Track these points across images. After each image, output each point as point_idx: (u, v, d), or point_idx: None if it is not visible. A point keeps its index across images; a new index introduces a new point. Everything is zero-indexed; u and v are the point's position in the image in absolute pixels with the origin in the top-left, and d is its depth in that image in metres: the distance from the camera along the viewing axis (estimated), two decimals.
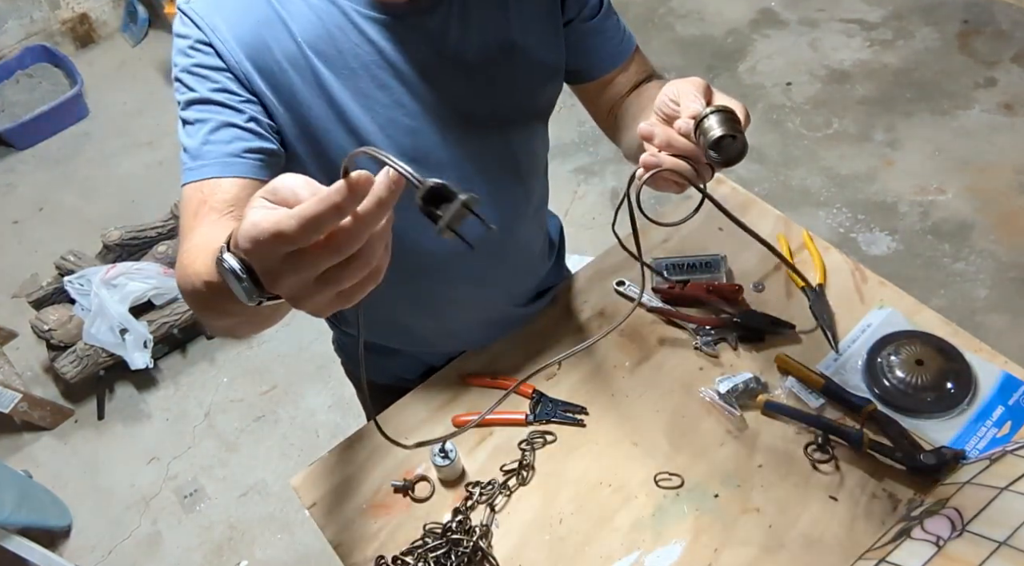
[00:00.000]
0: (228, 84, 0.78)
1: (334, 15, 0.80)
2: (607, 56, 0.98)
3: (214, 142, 0.77)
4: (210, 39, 0.77)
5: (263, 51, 0.78)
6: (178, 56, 0.79)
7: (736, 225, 0.77)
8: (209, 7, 0.78)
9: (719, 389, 1.03)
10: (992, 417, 0.99)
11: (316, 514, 1.01)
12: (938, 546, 0.77)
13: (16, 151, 3.02)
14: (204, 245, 0.65)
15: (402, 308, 1.07)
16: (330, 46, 0.80)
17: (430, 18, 0.83)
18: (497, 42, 0.87)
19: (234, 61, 0.78)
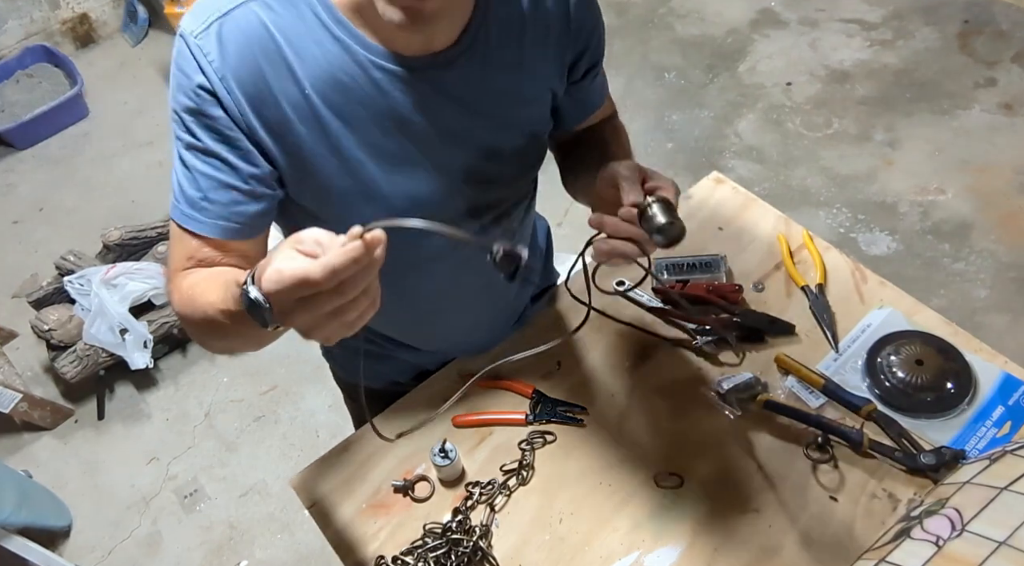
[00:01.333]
0: (230, 136, 0.76)
1: (346, 63, 0.76)
2: (585, 108, 1.00)
3: (212, 201, 0.78)
4: (214, 86, 0.73)
5: (267, 100, 0.75)
6: (179, 93, 0.76)
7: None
8: (214, 45, 0.73)
9: (719, 389, 1.03)
10: (992, 417, 0.99)
11: (316, 514, 1.01)
12: (938, 546, 0.77)
13: (16, 151, 3.02)
14: (211, 280, 0.75)
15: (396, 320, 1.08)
16: (339, 93, 0.77)
17: (447, 73, 0.80)
18: (508, 99, 0.87)
19: (237, 112, 0.75)
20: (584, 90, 0.97)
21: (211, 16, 0.73)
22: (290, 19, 0.74)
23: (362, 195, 0.84)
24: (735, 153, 2.66)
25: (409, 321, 1.07)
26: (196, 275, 0.80)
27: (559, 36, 0.87)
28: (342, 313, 0.56)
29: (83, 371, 2.17)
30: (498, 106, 0.86)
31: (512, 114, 0.88)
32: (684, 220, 0.78)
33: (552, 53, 0.88)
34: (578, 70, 0.93)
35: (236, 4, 0.73)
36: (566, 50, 0.89)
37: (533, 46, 0.86)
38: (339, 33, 0.75)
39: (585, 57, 0.93)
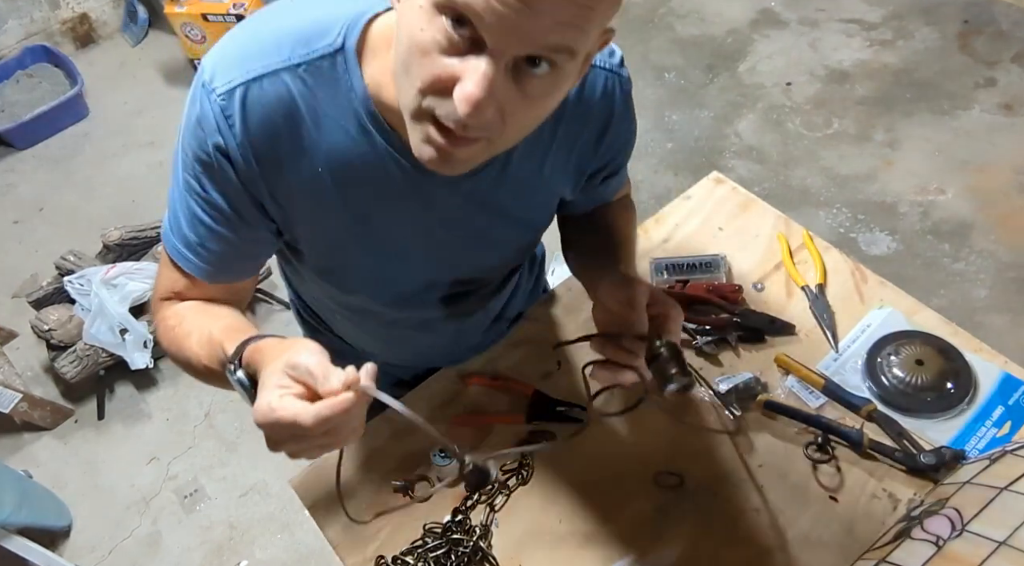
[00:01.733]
0: (236, 197, 0.74)
1: (367, 152, 0.73)
2: (596, 201, 0.98)
3: (208, 249, 0.77)
4: (229, 151, 0.70)
5: (279, 171, 0.73)
6: (193, 141, 0.72)
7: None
8: (237, 111, 0.68)
9: (719, 389, 1.03)
10: (992, 417, 0.99)
11: (316, 514, 1.01)
12: (938, 546, 0.77)
13: (16, 151, 3.02)
14: (196, 327, 0.77)
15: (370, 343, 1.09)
16: (351, 178, 0.75)
17: (466, 179, 0.77)
18: (518, 206, 0.86)
19: (248, 178, 0.72)
20: (598, 188, 0.95)
21: (237, 78, 0.68)
22: (322, 96, 0.70)
23: (348, 272, 0.85)
24: (735, 153, 2.66)
25: (382, 345, 1.08)
26: (180, 312, 0.81)
27: (583, 153, 0.85)
28: (330, 446, 0.61)
29: (83, 371, 2.17)
30: (507, 212, 0.85)
31: (519, 215, 0.88)
32: (684, 220, 0.78)
33: (572, 167, 0.86)
34: (595, 178, 0.92)
35: (267, 70, 0.68)
36: (586, 166, 0.88)
37: (555, 161, 0.84)
38: (368, 124, 0.72)
39: (606, 169, 0.91)
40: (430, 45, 0.56)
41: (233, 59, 0.69)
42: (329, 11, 0.71)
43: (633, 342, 0.77)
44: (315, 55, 0.69)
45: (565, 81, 0.61)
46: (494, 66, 0.55)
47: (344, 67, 0.70)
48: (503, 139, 0.64)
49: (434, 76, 0.57)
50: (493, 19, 0.52)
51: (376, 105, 0.71)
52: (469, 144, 0.62)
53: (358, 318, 1.02)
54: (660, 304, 0.79)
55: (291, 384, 0.58)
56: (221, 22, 2.84)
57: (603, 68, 0.80)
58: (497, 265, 0.97)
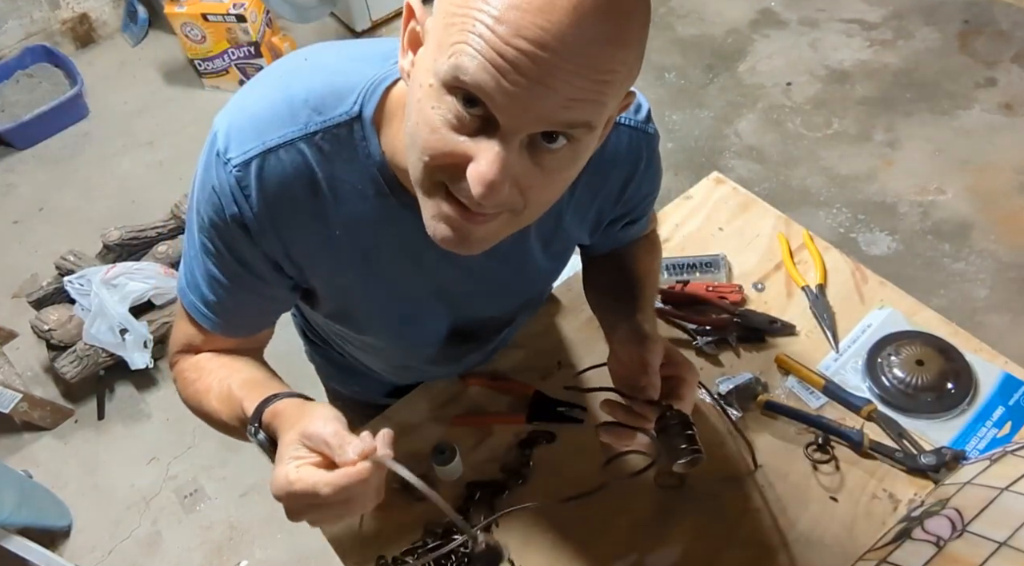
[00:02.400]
0: (252, 260, 0.73)
1: (384, 215, 0.72)
2: (616, 243, 0.97)
3: (226, 307, 0.77)
4: (246, 222, 0.69)
5: (295, 237, 0.72)
6: (209, 208, 0.70)
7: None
8: (253, 184, 0.67)
9: (719, 389, 1.03)
10: (992, 417, 0.99)
11: None
12: (938, 546, 0.77)
13: (16, 151, 3.02)
14: (215, 382, 0.78)
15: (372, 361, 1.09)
16: (369, 239, 0.74)
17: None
18: (535, 257, 0.85)
19: (264, 246, 0.71)
20: (618, 235, 0.94)
21: (253, 150, 0.66)
22: (340, 163, 0.69)
23: (361, 319, 0.85)
24: (735, 153, 2.66)
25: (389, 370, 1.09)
26: (199, 364, 0.82)
27: (604, 203, 0.84)
28: (349, 513, 0.60)
29: (83, 371, 2.17)
30: (525, 263, 0.85)
31: (533, 269, 0.87)
32: (684, 220, 0.78)
33: (591, 216, 0.85)
34: (615, 225, 0.91)
35: (283, 140, 0.66)
36: (605, 215, 0.87)
37: (576, 211, 0.82)
38: (386, 189, 0.71)
39: (627, 217, 0.90)
40: (440, 123, 0.54)
41: (248, 128, 0.67)
42: (345, 75, 0.69)
43: (643, 407, 0.77)
44: (332, 123, 0.67)
45: (585, 152, 0.59)
46: (508, 146, 0.53)
47: (362, 134, 0.68)
48: (526, 213, 0.61)
49: (445, 153, 0.55)
50: (505, 99, 0.51)
51: (393, 169, 0.70)
52: (488, 220, 0.59)
53: (366, 350, 1.03)
54: (675, 366, 0.78)
55: (308, 454, 0.59)
56: (221, 22, 2.84)
57: (628, 126, 0.78)
58: (514, 309, 0.97)
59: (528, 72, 0.49)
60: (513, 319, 1.04)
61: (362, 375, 1.13)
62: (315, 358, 1.22)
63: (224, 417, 0.75)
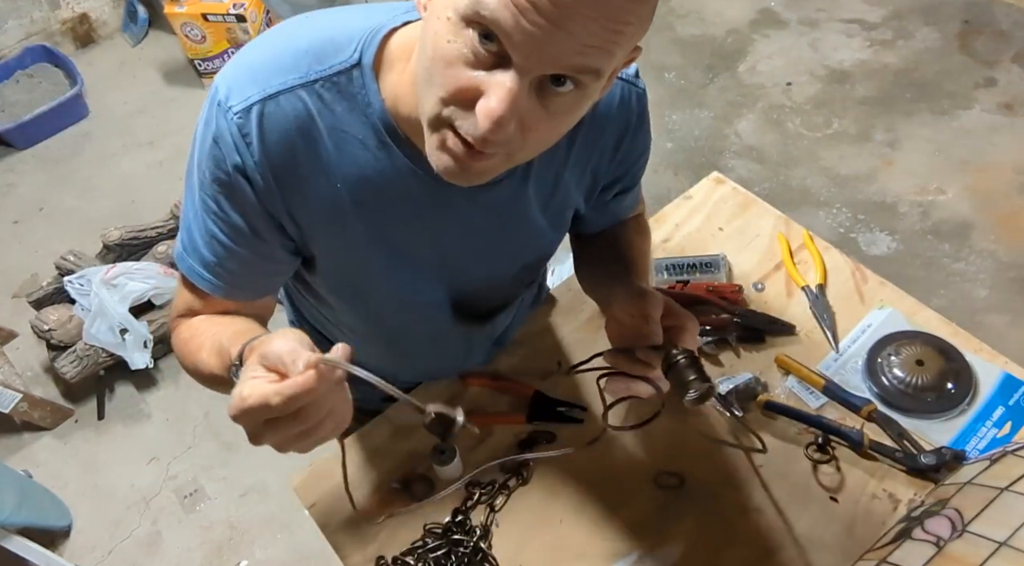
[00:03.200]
0: (255, 216, 0.73)
1: (386, 167, 0.73)
2: (610, 218, 0.98)
3: (226, 268, 0.76)
4: (248, 171, 0.69)
5: (296, 188, 0.72)
6: (209, 161, 0.70)
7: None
8: (254, 129, 0.68)
9: (719, 390, 1.03)
10: (992, 417, 0.99)
11: (316, 514, 1.01)
12: (938, 546, 0.77)
13: (16, 151, 3.02)
14: (207, 337, 0.76)
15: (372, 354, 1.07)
16: (370, 193, 0.74)
17: (484, 192, 0.77)
18: (535, 216, 0.86)
19: (266, 197, 0.72)
20: (610, 205, 0.95)
21: (254, 96, 0.67)
22: (340, 112, 0.70)
23: (363, 284, 0.85)
24: (735, 153, 2.66)
25: (389, 363, 1.07)
26: (193, 324, 0.80)
27: (600, 161, 0.85)
28: (309, 434, 0.58)
29: (83, 371, 2.17)
30: (523, 221, 0.85)
31: (532, 230, 0.87)
32: (684, 220, 0.78)
33: (588, 177, 0.87)
34: (608, 192, 0.92)
35: (283, 87, 0.68)
36: (601, 176, 0.88)
37: (572, 169, 0.84)
38: (387, 138, 0.71)
39: (620, 182, 0.91)
40: (456, 57, 0.56)
41: (248, 77, 0.68)
42: (343, 28, 0.70)
43: (647, 353, 0.76)
44: (331, 71, 0.68)
45: (588, 99, 0.60)
46: (519, 83, 0.54)
47: (361, 82, 0.69)
48: (522, 153, 0.63)
49: (458, 88, 0.56)
50: (522, 38, 0.52)
51: (394, 118, 0.70)
52: (487, 157, 0.61)
53: (366, 338, 1.01)
54: (675, 316, 0.78)
55: (264, 373, 0.57)
56: (221, 22, 2.84)
57: (620, 78, 0.80)
58: (511, 277, 0.96)
59: (548, 14, 0.51)
60: (513, 297, 1.03)
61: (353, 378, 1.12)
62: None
63: (216, 370, 0.72)
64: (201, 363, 0.75)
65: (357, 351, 1.09)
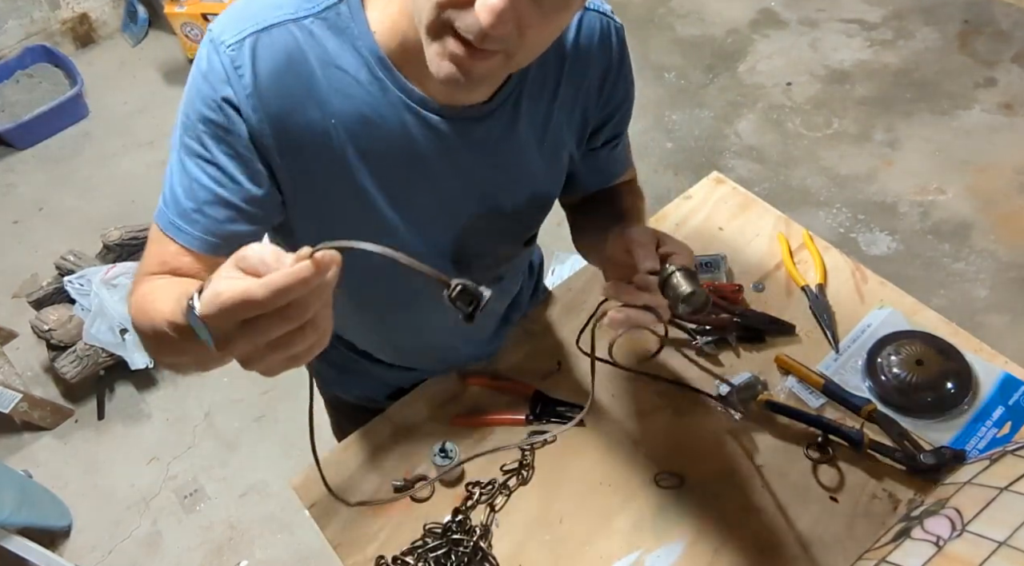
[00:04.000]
0: (243, 153, 0.72)
1: (379, 101, 0.74)
2: (602, 177, 0.99)
3: (205, 215, 0.74)
4: (239, 102, 0.70)
5: (289, 125, 0.72)
6: (198, 100, 0.71)
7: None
8: (247, 61, 0.69)
9: (719, 390, 1.03)
10: (992, 417, 0.99)
11: (316, 514, 1.01)
12: (938, 546, 0.77)
13: (16, 151, 3.02)
14: (167, 289, 0.69)
15: (371, 341, 1.08)
16: (364, 128, 0.75)
17: (478, 125, 0.79)
18: (528, 156, 0.86)
19: (257, 132, 0.72)
20: (602, 159, 0.96)
21: (247, 29, 0.69)
22: (331, 47, 0.71)
23: (363, 226, 0.83)
24: (735, 153, 2.66)
25: (389, 346, 1.07)
26: (157, 282, 0.74)
27: (587, 101, 0.87)
28: (286, 343, 0.50)
29: (83, 371, 2.17)
30: (518, 161, 0.85)
31: (528, 171, 0.88)
32: (684, 220, 0.78)
33: (577, 117, 0.87)
34: (597, 138, 0.93)
35: (276, 21, 0.70)
36: (590, 117, 0.89)
37: (561, 107, 0.85)
38: (379, 72, 0.73)
39: (608, 127, 0.92)
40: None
41: (241, 14, 0.70)
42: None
43: (644, 278, 0.77)
44: (320, 7, 0.71)
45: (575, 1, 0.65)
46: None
47: (349, 15, 0.71)
48: (520, 55, 0.66)
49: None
50: None
51: (385, 51, 0.72)
52: (487, 57, 0.63)
53: (364, 312, 1.00)
54: (669, 245, 0.79)
55: (242, 275, 0.50)
56: None
57: (597, 11, 0.83)
58: (509, 222, 0.93)
59: None
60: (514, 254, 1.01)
61: (362, 374, 1.13)
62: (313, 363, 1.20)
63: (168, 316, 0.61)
64: (156, 315, 0.64)
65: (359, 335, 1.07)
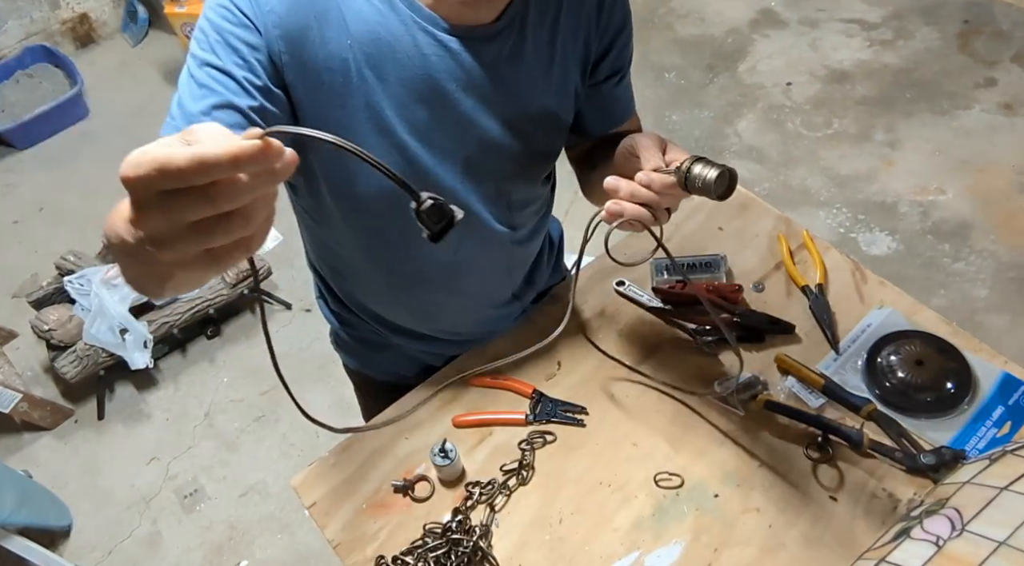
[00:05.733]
0: (255, 65, 0.74)
1: (391, 22, 0.78)
2: (608, 117, 1.00)
3: (215, 119, 0.72)
4: (255, 15, 0.73)
5: (307, 45, 0.75)
6: (218, 7, 0.73)
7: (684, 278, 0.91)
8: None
9: (719, 389, 1.03)
10: (992, 417, 0.99)
11: (316, 514, 1.01)
12: (938, 546, 0.77)
13: (16, 151, 3.02)
14: None
15: (399, 311, 1.08)
16: (379, 49, 0.78)
17: (487, 45, 0.82)
18: (537, 79, 0.88)
19: (274, 47, 0.74)
20: (605, 96, 0.98)
21: None
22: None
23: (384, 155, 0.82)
24: (735, 153, 2.66)
25: (407, 298, 1.07)
26: None
27: (588, 29, 0.89)
28: (206, 231, 0.43)
29: (83, 371, 2.17)
30: (528, 83, 0.87)
31: (538, 95, 0.89)
32: (684, 220, 0.78)
33: (580, 46, 0.90)
34: (600, 72, 0.94)
35: None
36: (592, 45, 0.91)
37: (564, 32, 0.87)
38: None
39: (609, 58, 0.94)
40: None
41: None
42: None
43: (648, 175, 0.77)
44: None
45: None
46: None
47: None
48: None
49: None
50: None
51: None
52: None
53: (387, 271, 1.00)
54: (675, 151, 0.80)
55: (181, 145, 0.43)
56: None
57: None
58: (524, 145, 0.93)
59: None
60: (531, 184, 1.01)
61: (391, 348, 1.14)
62: (343, 342, 1.21)
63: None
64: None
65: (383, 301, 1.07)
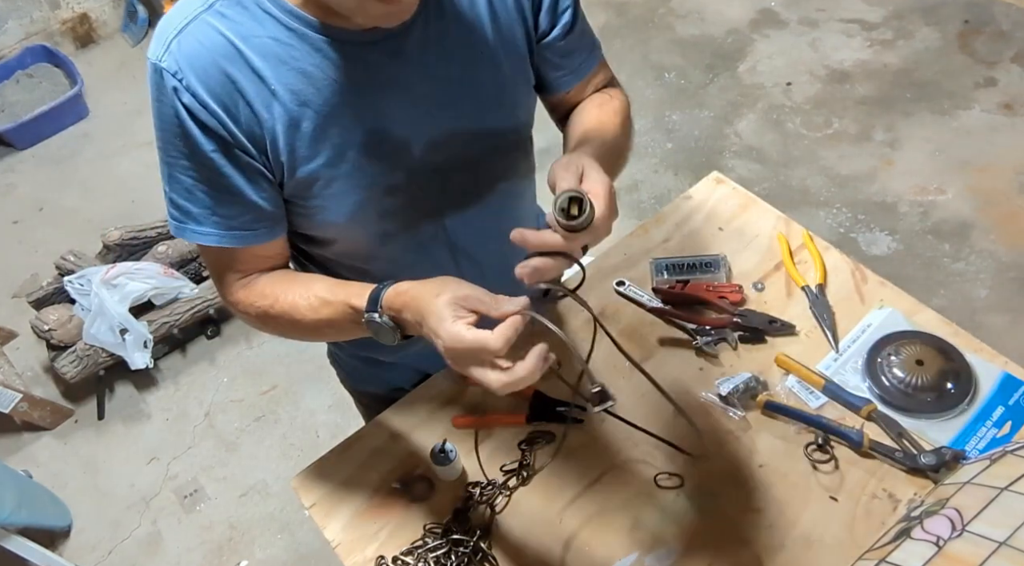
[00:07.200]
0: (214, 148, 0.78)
1: (304, 51, 0.77)
2: (572, 74, 0.97)
3: (220, 215, 0.82)
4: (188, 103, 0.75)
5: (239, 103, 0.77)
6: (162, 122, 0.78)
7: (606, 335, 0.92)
8: (177, 61, 0.75)
9: (719, 390, 1.03)
10: (992, 417, 0.99)
11: (316, 514, 1.01)
12: (938, 546, 0.77)
13: (16, 151, 3.02)
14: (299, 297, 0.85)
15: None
16: (304, 83, 0.78)
17: (405, 41, 0.80)
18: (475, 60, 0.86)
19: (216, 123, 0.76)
20: (558, 50, 0.93)
21: (168, 36, 0.76)
22: (243, 20, 0.76)
23: (343, 174, 0.84)
24: (735, 153, 2.66)
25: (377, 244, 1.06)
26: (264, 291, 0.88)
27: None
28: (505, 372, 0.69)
29: (83, 371, 2.17)
30: (468, 58, 0.85)
31: (484, 67, 0.86)
32: (684, 220, 0.78)
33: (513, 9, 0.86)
34: (540, 21, 0.89)
35: (189, 19, 0.75)
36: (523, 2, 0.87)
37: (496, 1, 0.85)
38: (291, 23, 0.77)
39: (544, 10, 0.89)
40: None
41: (162, 30, 0.77)
42: None
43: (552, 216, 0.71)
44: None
45: None
46: None
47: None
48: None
49: None
50: None
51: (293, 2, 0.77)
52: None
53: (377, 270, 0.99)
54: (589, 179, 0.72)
55: (466, 314, 0.69)
56: None
57: None
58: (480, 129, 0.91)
59: None
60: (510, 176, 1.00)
61: (389, 364, 1.14)
62: (340, 359, 1.22)
63: (325, 316, 0.83)
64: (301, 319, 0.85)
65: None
